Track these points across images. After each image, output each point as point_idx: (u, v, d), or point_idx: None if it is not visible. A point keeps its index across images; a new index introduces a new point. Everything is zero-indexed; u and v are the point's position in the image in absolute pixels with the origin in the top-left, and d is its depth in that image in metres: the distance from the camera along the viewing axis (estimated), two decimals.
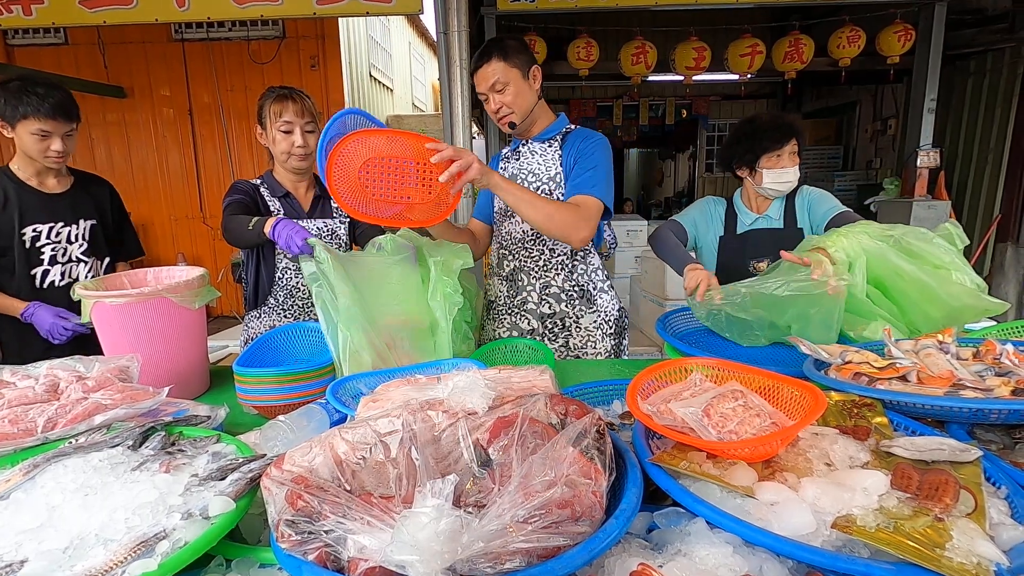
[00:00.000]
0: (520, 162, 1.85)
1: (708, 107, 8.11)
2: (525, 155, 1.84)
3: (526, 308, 1.87)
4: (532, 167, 1.82)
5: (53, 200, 1.90)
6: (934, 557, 0.59)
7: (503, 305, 1.92)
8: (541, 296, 1.85)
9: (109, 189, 2.09)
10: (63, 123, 1.78)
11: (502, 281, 1.92)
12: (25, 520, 0.73)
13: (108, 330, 1.40)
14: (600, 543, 0.61)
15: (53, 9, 3.53)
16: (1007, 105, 4.90)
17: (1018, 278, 4.97)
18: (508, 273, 1.90)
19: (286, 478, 0.68)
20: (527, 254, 1.85)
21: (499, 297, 1.93)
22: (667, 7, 4.31)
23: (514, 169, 1.86)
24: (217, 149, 6.03)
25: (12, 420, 1.00)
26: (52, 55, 5.86)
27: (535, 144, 1.84)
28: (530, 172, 1.82)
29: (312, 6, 3.52)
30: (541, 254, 1.84)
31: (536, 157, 1.82)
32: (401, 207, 1.40)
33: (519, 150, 1.87)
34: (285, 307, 1.88)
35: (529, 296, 1.86)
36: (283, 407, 1.24)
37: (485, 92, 1.73)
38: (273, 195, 1.89)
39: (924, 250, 1.42)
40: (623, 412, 1.15)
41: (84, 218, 1.95)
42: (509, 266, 1.89)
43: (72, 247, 1.93)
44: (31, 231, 1.86)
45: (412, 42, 11.29)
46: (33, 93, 1.72)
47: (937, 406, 0.93)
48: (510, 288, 1.90)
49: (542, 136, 1.82)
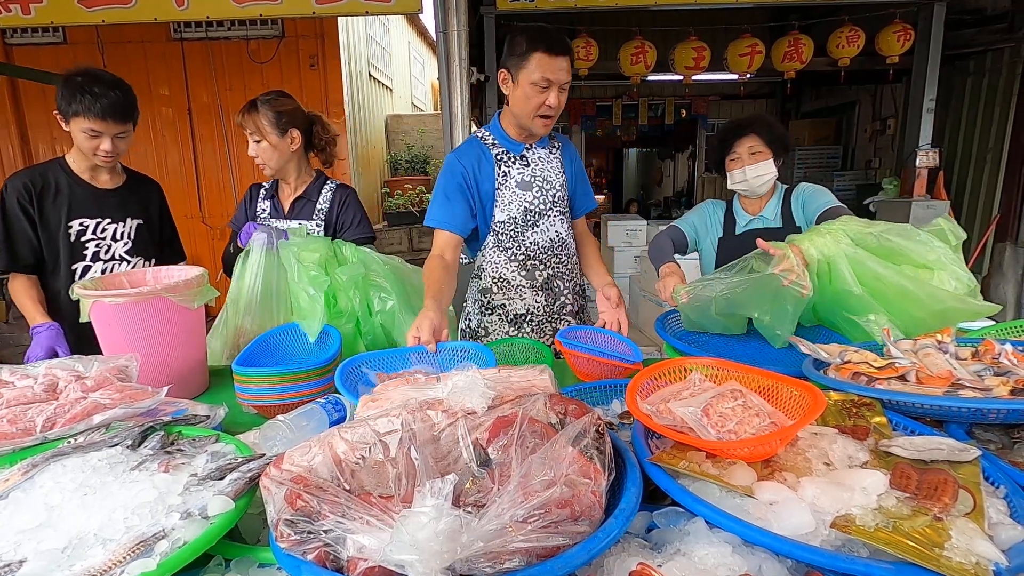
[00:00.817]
0: (532, 169, 1.79)
1: (707, 107, 8.11)
2: (534, 161, 1.80)
3: (565, 312, 1.88)
4: (545, 174, 1.80)
5: (103, 196, 1.91)
6: (933, 557, 0.59)
7: (542, 315, 1.85)
8: (574, 298, 1.90)
9: (158, 190, 2.10)
10: (115, 124, 1.77)
11: (536, 291, 1.83)
12: (24, 520, 0.73)
13: (107, 330, 1.39)
14: (599, 543, 0.61)
15: (52, 8, 3.52)
16: (1006, 105, 4.90)
17: (1017, 278, 4.98)
18: (543, 282, 1.83)
19: (285, 478, 0.68)
20: (558, 260, 1.84)
21: (535, 308, 1.85)
22: (667, 7, 4.31)
23: (524, 175, 1.78)
24: (216, 149, 6.02)
25: (11, 420, 1.00)
26: (51, 54, 5.85)
27: (540, 150, 1.82)
28: (544, 180, 1.80)
29: (311, 5, 3.52)
30: (568, 258, 1.87)
31: (545, 164, 1.81)
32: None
33: (525, 156, 1.80)
34: None
35: (567, 300, 1.88)
36: (282, 407, 1.24)
37: (553, 82, 1.60)
38: (265, 197, 2.02)
39: (907, 248, 1.38)
40: (622, 412, 1.15)
41: (131, 217, 1.96)
42: (542, 275, 1.83)
43: (116, 245, 1.93)
44: (77, 225, 1.86)
45: (411, 42, 11.29)
46: (88, 91, 1.71)
47: (936, 406, 0.93)
48: (547, 297, 1.85)
49: (542, 143, 1.82)
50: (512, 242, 1.80)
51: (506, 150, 1.78)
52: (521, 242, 1.80)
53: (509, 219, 1.78)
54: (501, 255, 1.82)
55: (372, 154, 7.68)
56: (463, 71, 2.76)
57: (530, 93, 1.61)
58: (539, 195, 1.78)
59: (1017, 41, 4.76)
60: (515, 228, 1.79)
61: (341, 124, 6.07)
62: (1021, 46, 4.76)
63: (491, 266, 1.84)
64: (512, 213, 1.77)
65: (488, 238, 1.82)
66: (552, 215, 1.81)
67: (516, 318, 1.85)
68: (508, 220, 1.78)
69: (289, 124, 1.87)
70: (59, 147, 5.99)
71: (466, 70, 2.76)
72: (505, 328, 1.86)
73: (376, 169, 7.90)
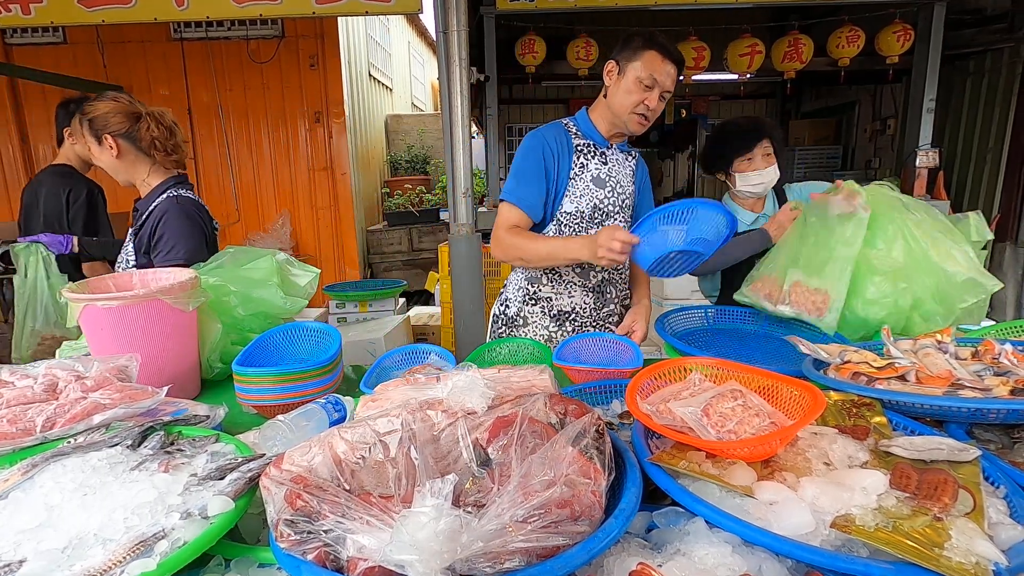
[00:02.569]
0: (609, 168, 1.79)
1: (707, 107, 8.11)
2: (613, 161, 1.80)
3: (612, 320, 1.86)
4: (619, 177, 1.81)
5: None
6: (933, 556, 0.59)
7: (588, 317, 1.85)
8: (622, 308, 1.88)
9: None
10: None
11: (587, 292, 1.83)
12: (24, 520, 0.73)
13: (98, 334, 1.36)
14: (599, 543, 0.61)
15: (52, 8, 3.52)
16: (1006, 105, 4.90)
17: (1017, 278, 4.98)
18: (595, 284, 1.83)
19: (285, 478, 0.68)
20: (616, 267, 1.83)
21: (582, 308, 1.84)
22: (666, 7, 4.31)
23: (600, 172, 1.77)
24: (216, 149, 6.02)
25: (11, 420, 0.99)
26: (51, 54, 5.85)
27: (619, 153, 1.82)
28: (618, 182, 1.80)
29: (311, 5, 3.52)
30: (626, 267, 1.86)
31: (621, 167, 1.82)
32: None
33: (605, 153, 1.80)
34: None
35: (615, 308, 1.87)
36: (282, 407, 1.24)
37: (661, 84, 1.62)
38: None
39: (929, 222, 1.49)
40: (622, 412, 1.15)
41: None
42: (596, 278, 1.82)
43: None
44: None
45: (411, 41, 11.29)
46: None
47: (936, 406, 0.93)
48: (597, 300, 1.84)
49: (622, 147, 1.83)
50: (574, 236, 1.75)
51: (589, 143, 1.77)
52: None
53: (577, 212, 1.74)
54: None
55: (372, 154, 7.68)
56: (463, 71, 2.75)
57: (633, 88, 1.63)
58: (611, 195, 1.77)
59: (1017, 41, 4.76)
60: (581, 222, 1.75)
61: (341, 124, 6.07)
62: (1021, 46, 4.76)
63: None
64: (581, 207, 1.74)
65: (550, 226, 1.78)
66: (618, 218, 1.80)
67: (560, 314, 1.83)
68: (576, 213, 1.74)
69: (103, 131, 1.74)
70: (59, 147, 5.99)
71: (466, 70, 2.75)
72: (546, 322, 1.84)
73: (376, 169, 7.90)
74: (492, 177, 5.61)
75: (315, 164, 6.12)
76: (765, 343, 1.62)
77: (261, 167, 6.10)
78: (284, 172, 6.13)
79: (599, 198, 1.75)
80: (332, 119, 6.02)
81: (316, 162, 6.12)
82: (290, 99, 5.98)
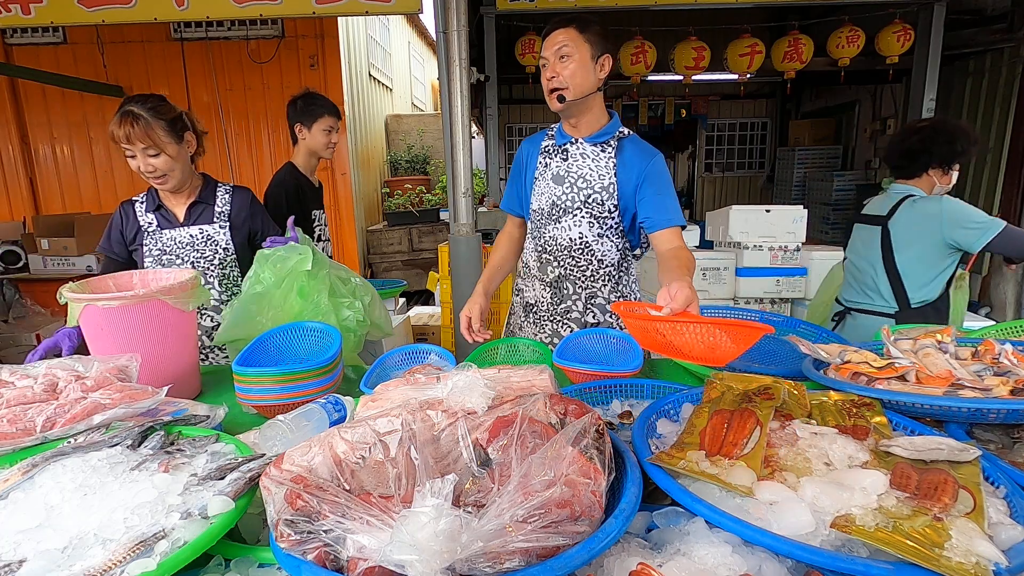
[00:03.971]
0: (568, 163, 1.75)
1: (707, 107, 8.12)
2: (575, 156, 1.74)
3: (570, 317, 1.82)
4: (583, 171, 1.73)
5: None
6: (933, 556, 0.59)
7: (546, 311, 1.85)
8: (586, 306, 1.80)
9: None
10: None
11: (545, 287, 1.83)
12: (24, 520, 0.73)
13: (98, 334, 1.35)
14: (599, 543, 0.61)
15: (52, 8, 3.52)
16: (1006, 105, 4.90)
17: (1017, 278, 4.97)
18: (553, 280, 1.82)
19: (285, 478, 0.68)
20: (574, 263, 1.78)
21: (541, 302, 1.85)
22: (666, 7, 4.31)
23: (560, 169, 1.76)
24: (216, 148, 6.01)
25: (11, 420, 0.99)
26: (51, 54, 5.85)
27: (587, 145, 1.73)
28: (580, 177, 1.73)
29: (311, 5, 3.52)
30: (588, 264, 1.77)
31: (588, 161, 1.73)
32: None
33: (567, 148, 1.76)
34: None
35: (574, 305, 1.81)
36: (282, 407, 1.24)
37: (548, 57, 1.63)
38: (147, 209, 1.85)
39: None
40: (622, 412, 1.15)
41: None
42: (554, 273, 1.81)
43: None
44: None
45: (411, 41, 11.29)
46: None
47: (936, 406, 0.93)
48: (554, 295, 1.83)
49: (595, 138, 1.73)
50: (537, 232, 1.84)
51: (555, 143, 1.80)
52: (543, 234, 1.81)
53: (539, 209, 1.82)
54: (530, 242, 1.88)
55: (372, 154, 7.69)
56: (463, 71, 2.76)
57: (543, 72, 1.68)
58: (569, 191, 1.74)
59: (1017, 41, 4.77)
60: (541, 219, 1.81)
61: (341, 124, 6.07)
62: (1021, 46, 4.76)
63: (525, 251, 1.94)
64: (542, 204, 1.80)
65: (528, 223, 1.91)
66: (579, 214, 1.73)
67: (527, 306, 1.91)
68: (538, 210, 1.82)
69: (183, 128, 1.76)
70: (59, 147, 5.99)
71: (466, 70, 2.76)
72: (520, 312, 1.94)
73: (376, 169, 7.91)
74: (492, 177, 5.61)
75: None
76: (765, 343, 1.62)
77: (261, 167, 6.10)
78: None
79: (557, 195, 1.76)
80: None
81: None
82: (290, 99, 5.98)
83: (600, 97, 1.71)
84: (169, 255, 1.83)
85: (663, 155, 1.73)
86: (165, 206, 1.85)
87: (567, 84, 1.61)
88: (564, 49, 1.60)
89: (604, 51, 1.64)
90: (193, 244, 1.84)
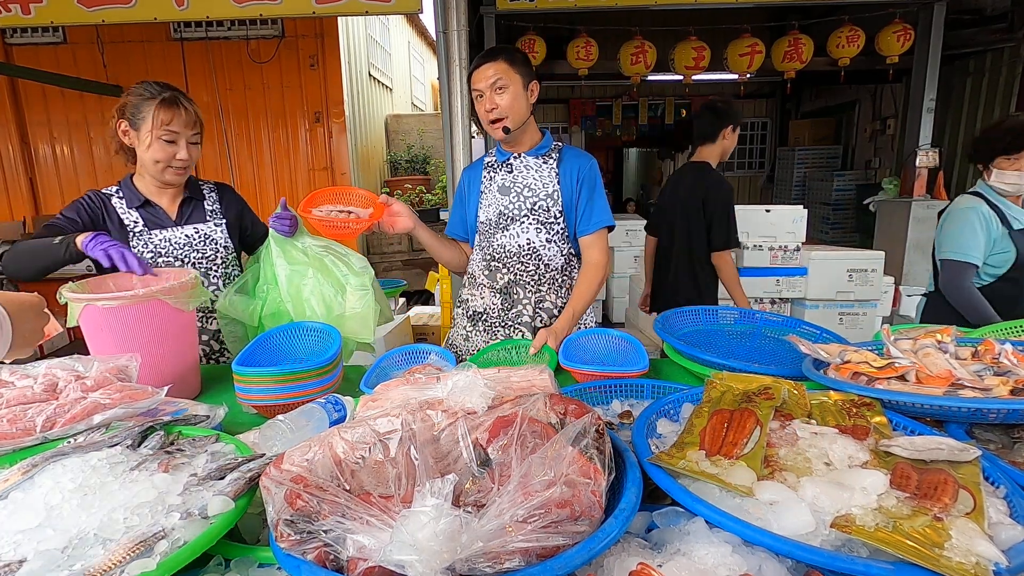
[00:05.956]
0: (514, 175, 1.85)
1: None
2: (519, 168, 1.85)
3: (520, 321, 1.85)
4: (528, 181, 1.83)
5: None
6: (933, 556, 0.59)
7: (496, 318, 1.89)
8: (535, 310, 1.85)
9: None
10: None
11: (495, 294, 1.88)
12: (23, 520, 0.73)
13: (98, 334, 1.35)
14: (599, 543, 0.61)
15: (52, 8, 3.52)
16: (1006, 104, 4.91)
17: None
18: (502, 286, 1.87)
19: (285, 478, 0.68)
20: (523, 268, 1.84)
21: (491, 309, 1.89)
22: (667, 7, 4.32)
23: (505, 180, 1.86)
24: (216, 148, 6.02)
25: (11, 420, 0.99)
26: (50, 54, 5.86)
27: (529, 159, 1.85)
28: (526, 186, 1.83)
29: (311, 5, 3.52)
30: (536, 269, 1.84)
31: (532, 172, 1.84)
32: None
33: (510, 162, 1.87)
34: None
35: (524, 310, 1.85)
36: (282, 406, 1.24)
37: (483, 89, 1.73)
38: (129, 205, 1.72)
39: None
40: (622, 412, 1.15)
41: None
42: (503, 279, 1.87)
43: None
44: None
45: (411, 41, 11.29)
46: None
47: (936, 406, 0.93)
48: (504, 301, 1.87)
49: (536, 151, 1.85)
50: (485, 242, 1.90)
51: (501, 158, 1.90)
52: (491, 243, 1.88)
53: (486, 220, 1.89)
54: (477, 253, 1.95)
55: (372, 154, 7.68)
56: (463, 71, 2.76)
57: (478, 106, 1.78)
58: (516, 200, 1.83)
59: (1017, 41, 4.77)
60: (489, 229, 1.88)
61: (341, 124, 6.08)
62: (1021, 46, 4.77)
63: (471, 262, 1.98)
64: (489, 214, 1.87)
65: (475, 236, 1.96)
66: (526, 222, 1.82)
67: (474, 315, 1.94)
68: (486, 220, 1.89)
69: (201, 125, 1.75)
70: (59, 147, 6.00)
71: (466, 70, 2.76)
72: (464, 323, 1.96)
73: (376, 169, 7.91)
74: None
75: (315, 164, 6.14)
76: (765, 343, 1.62)
77: (261, 167, 6.11)
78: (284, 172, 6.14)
79: (504, 204, 1.84)
80: (332, 119, 6.03)
81: (316, 162, 6.14)
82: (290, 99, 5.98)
83: (532, 120, 1.85)
84: (166, 257, 1.74)
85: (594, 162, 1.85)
86: (153, 203, 1.74)
87: (506, 114, 1.73)
88: (499, 81, 1.71)
89: (532, 78, 1.78)
90: (192, 244, 1.78)
